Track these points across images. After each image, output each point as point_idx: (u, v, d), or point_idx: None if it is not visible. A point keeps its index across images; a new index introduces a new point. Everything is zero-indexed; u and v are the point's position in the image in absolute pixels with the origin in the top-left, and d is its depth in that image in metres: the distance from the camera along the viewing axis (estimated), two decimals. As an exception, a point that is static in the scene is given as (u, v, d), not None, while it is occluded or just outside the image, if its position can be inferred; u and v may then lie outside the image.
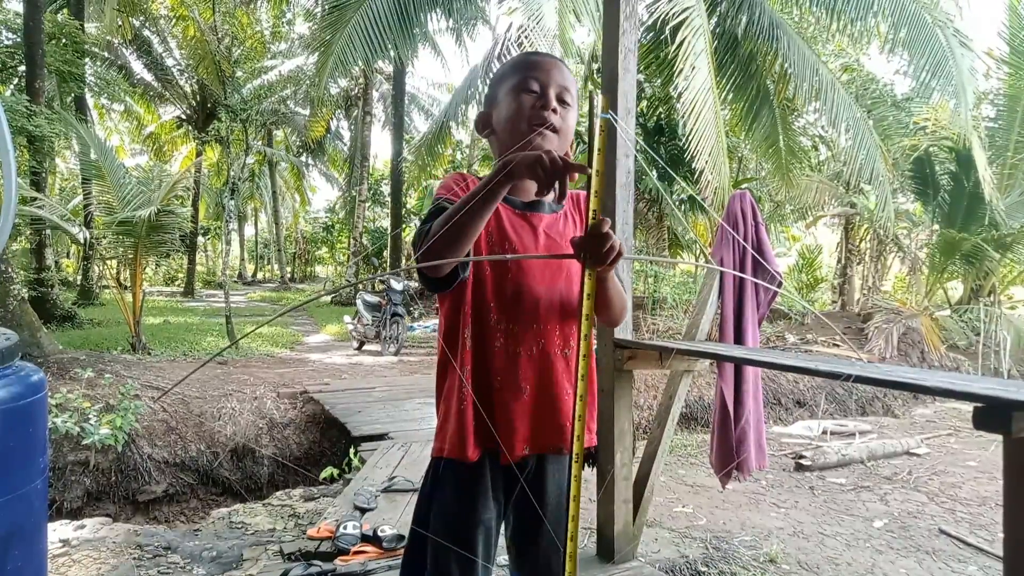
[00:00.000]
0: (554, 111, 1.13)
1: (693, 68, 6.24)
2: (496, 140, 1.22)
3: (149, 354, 7.33)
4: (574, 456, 0.97)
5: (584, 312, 0.98)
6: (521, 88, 1.15)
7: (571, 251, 0.98)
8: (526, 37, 6.28)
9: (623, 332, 2.33)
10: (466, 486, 1.15)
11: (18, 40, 9.69)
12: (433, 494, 1.18)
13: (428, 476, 1.21)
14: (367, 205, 18.35)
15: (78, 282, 13.96)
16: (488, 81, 1.34)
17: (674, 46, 6.38)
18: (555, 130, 1.13)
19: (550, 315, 1.15)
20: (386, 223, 22.23)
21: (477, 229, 1.00)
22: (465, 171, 1.30)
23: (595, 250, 0.94)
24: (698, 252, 11.52)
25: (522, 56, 1.24)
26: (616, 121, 1.05)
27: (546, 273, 1.16)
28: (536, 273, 1.15)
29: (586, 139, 9.55)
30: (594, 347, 1.21)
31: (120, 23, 14.23)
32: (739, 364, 2.38)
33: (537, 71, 1.16)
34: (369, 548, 2.64)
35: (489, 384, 1.14)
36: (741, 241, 2.46)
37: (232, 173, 11.10)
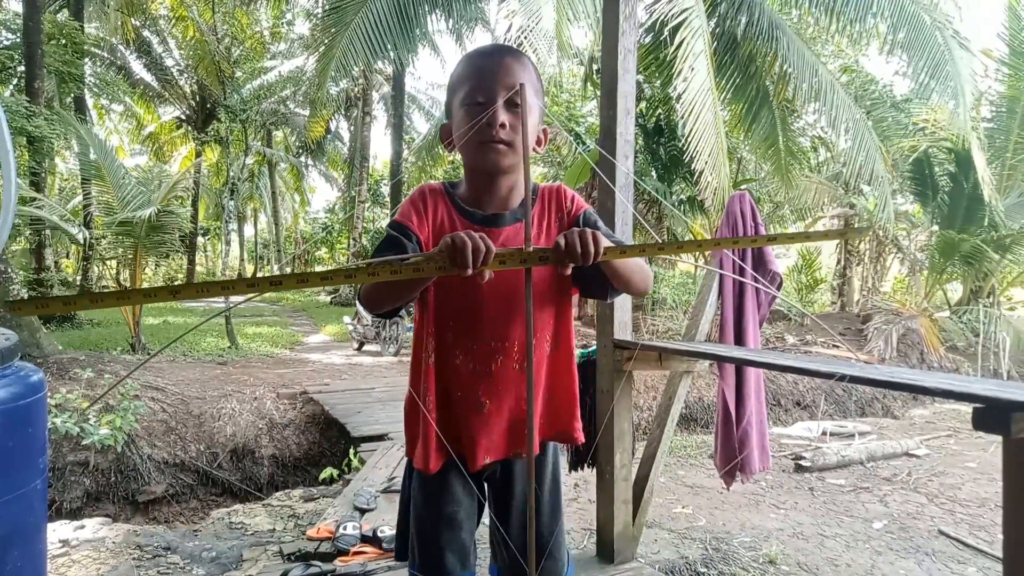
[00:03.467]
0: (503, 126, 1.08)
1: (692, 69, 6.24)
2: (459, 153, 1.19)
3: (148, 354, 7.33)
4: (531, 461, 1.02)
5: (530, 319, 1.00)
6: (468, 101, 1.11)
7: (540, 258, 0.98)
8: (525, 38, 6.28)
9: (623, 332, 2.34)
10: (430, 489, 1.21)
11: (17, 40, 9.69)
12: (409, 489, 1.27)
13: (406, 471, 1.29)
14: (367, 206, 18.34)
15: (78, 282, 13.94)
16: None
17: (673, 47, 6.38)
18: (507, 143, 1.10)
19: (509, 330, 1.15)
20: (386, 223, 22.18)
21: (415, 291, 1.06)
22: (436, 182, 1.23)
23: (577, 247, 0.92)
24: (697, 254, 11.51)
25: (467, 61, 1.17)
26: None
27: (501, 289, 1.13)
28: (490, 290, 1.11)
29: (582, 140, 9.56)
30: (575, 350, 1.23)
31: (121, 23, 14.23)
32: (739, 365, 2.38)
33: (482, 78, 1.11)
34: (369, 549, 2.64)
35: (450, 399, 1.17)
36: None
37: (232, 173, 11.11)
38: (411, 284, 1.02)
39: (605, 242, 0.93)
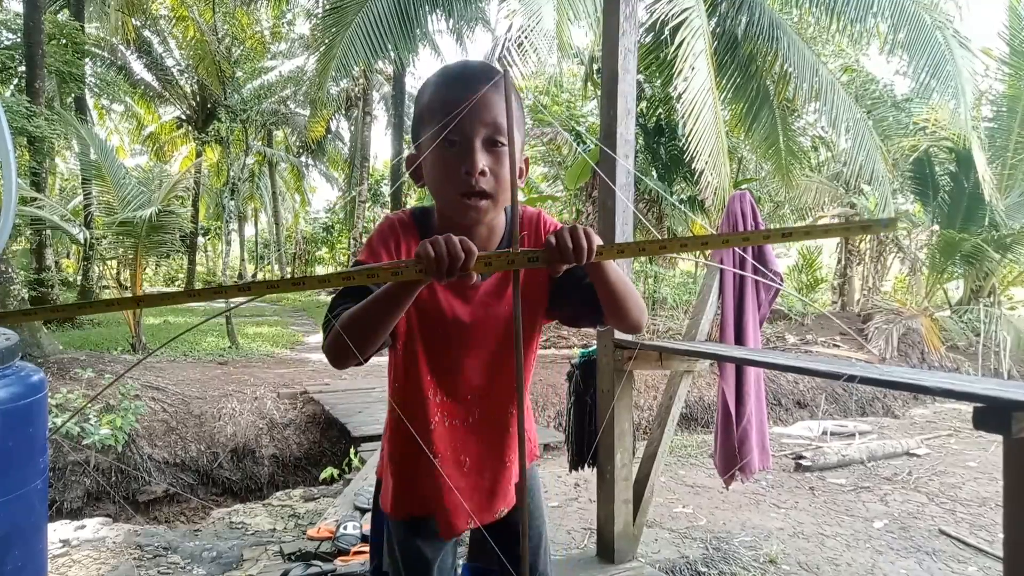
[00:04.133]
0: (482, 173, 0.97)
1: (693, 69, 6.24)
2: (430, 192, 1.06)
3: (149, 355, 7.33)
4: (523, 510, 0.97)
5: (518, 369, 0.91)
6: (442, 140, 0.98)
7: (509, 309, 0.94)
8: (526, 37, 6.28)
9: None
10: (407, 535, 1.14)
11: (18, 40, 9.70)
12: (383, 524, 1.19)
13: (376, 502, 1.22)
14: (367, 205, 18.35)
15: (78, 283, 13.95)
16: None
17: (674, 47, 6.39)
18: (487, 194, 0.99)
19: (492, 385, 1.10)
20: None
21: (389, 326, 0.94)
22: (406, 212, 1.13)
23: (569, 243, 0.84)
24: (697, 252, 11.51)
25: (438, 88, 1.03)
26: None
27: (486, 343, 1.07)
28: (475, 345, 1.07)
29: (583, 139, 9.56)
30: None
31: (121, 23, 14.24)
32: (739, 365, 2.38)
33: (456, 114, 0.97)
34: (369, 548, 2.64)
35: (430, 454, 1.08)
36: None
37: (232, 173, 11.10)
38: (387, 314, 0.93)
39: (598, 240, 0.86)
